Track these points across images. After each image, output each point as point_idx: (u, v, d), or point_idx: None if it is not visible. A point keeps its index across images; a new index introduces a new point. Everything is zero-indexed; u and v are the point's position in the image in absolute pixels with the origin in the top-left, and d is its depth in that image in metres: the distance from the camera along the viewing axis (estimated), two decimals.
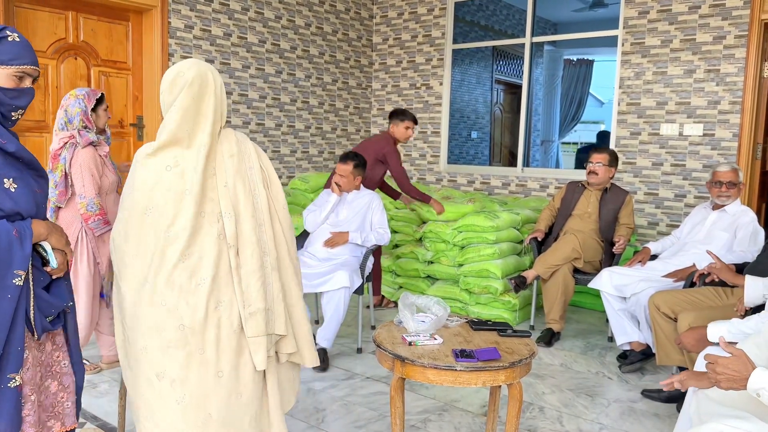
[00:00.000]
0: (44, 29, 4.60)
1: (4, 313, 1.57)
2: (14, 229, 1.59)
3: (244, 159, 1.88)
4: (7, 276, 1.57)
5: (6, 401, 1.60)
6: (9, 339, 1.59)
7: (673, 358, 3.10)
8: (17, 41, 1.62)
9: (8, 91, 1.61)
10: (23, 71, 1.63)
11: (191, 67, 1.84)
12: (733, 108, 4.98)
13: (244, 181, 1.84)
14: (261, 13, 5.89)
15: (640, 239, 5.35)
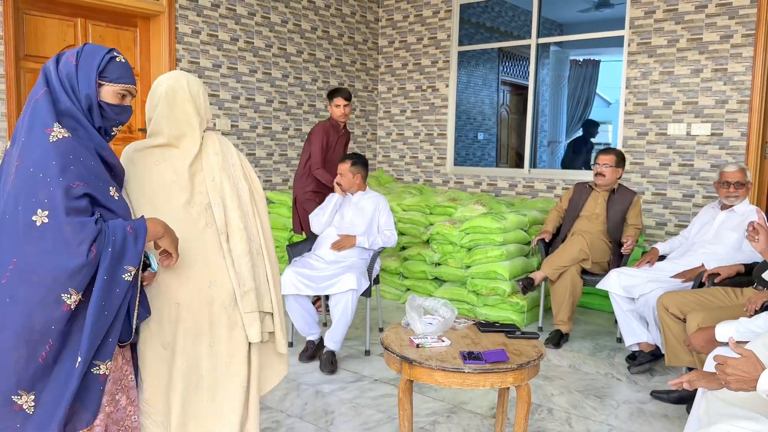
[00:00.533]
0: (53, 36, 4.64)
1: (111, 305, 1.62)
2: (129, 225, 1.64)
3: (227, 157, 2.05)
4: (118, 270, 1.62)
5: (92, 389, 1.64)
6: (108, 330, 1.63)
7: (682, 359, 3.09)
8: (123, 62, 1.75)
9: (114, 107, 1.72)
10: (126, 89, 1.75)
11: (166, 80, 2.01)
12: (741, 107, 4.96)
13: (228, 176, 2.02)
14: (267, 18, 5.92)
15: (648, 240, 5.33)
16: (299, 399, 3.15)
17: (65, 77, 1.67)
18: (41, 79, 1.68)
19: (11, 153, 1.64)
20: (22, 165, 1.55)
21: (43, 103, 1.62)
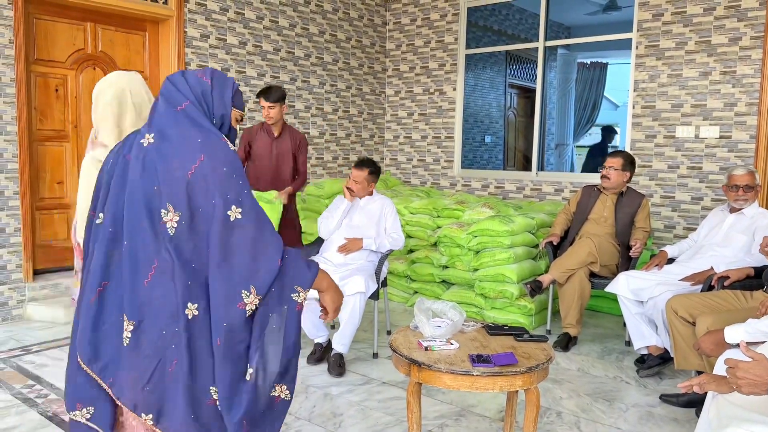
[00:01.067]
0: (63, 40, 4.68)
1: (276, 321, 1.63)
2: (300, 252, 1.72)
3: None
4: (287, 287, 1.64)
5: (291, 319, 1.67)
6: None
7: (692, 362, 3.08)
8: (241, 91, 1.87)
9: (233, 130, 1.83)
10: (242, 115, 1.85)
11: (108, 87, 2.20)
12: (749, 110, 4.94)
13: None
14: (276, 22, 5.94)
15: (657, 243, 5.31)
16: (307, 401, 3.16)
17: (200, 94, 1.72)
18: (172, 90, 1.70)
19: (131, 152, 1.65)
20: (209, 163, 1.58)
21: (197, 112, 1.68)
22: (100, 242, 1.63)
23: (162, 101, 1.70)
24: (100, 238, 1.63)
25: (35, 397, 3.12)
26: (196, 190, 1.56)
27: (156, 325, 1.57)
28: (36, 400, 3.09)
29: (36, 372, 3.46)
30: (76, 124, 4.79)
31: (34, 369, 3.51)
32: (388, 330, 4.33)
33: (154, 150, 1.62)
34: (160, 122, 1.67)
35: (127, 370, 1.57)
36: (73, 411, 1.63)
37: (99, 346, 1.59)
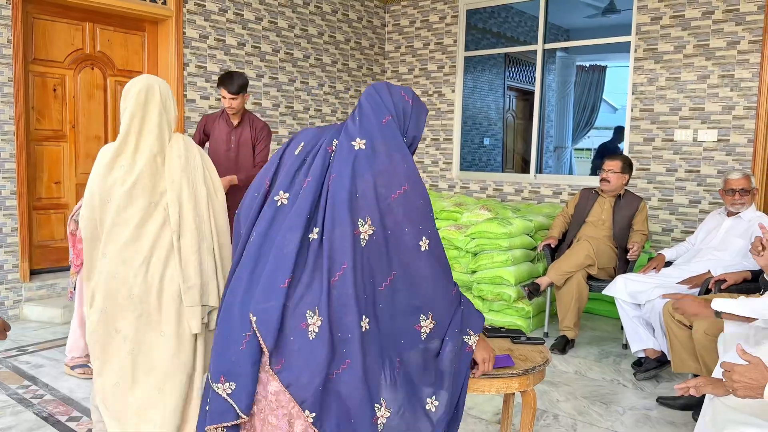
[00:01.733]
0: (62, 40, 4.67)
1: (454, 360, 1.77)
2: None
3: (190, 159, 2.23)
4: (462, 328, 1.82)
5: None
6: None
7: (689, 366, 3.08)
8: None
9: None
10: None
11: (140, 81, 2.24)
12: (747, 113, 4.95)
13: (188, 178, 2.20)
14: (274, 23, 5.95)
15: (655, 246, 5.32)
16: None
17: (402, 112, 1.75)
18: (377, 100, 1.74)
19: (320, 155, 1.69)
20: (412, 194, 1.65)
21: (396, 130, 1.72)
22: (289, 227, 1.62)
23: (368, 107, 1.73)
24: (286, 223, 1.63)
25: (31, 397, 3.11)
26: (393, 214, 1.62)
27: (339, 328, 1.57)
28: (32, 400, 3.08)
29: (32, 372, 3.46)
30: (74, 124, 4.79)
31: (29, 369, 3.50)
32: None
33: (364, 158, 1.65)
34: (371, 130, 1.69)
35: (304, 363, 1.55)
36: (216, 383, 1.63)
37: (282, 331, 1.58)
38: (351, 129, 1.70)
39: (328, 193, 1.62)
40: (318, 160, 1.67)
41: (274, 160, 1.76)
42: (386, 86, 1.77)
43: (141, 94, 2.21)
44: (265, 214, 1.68)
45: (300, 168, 1.69)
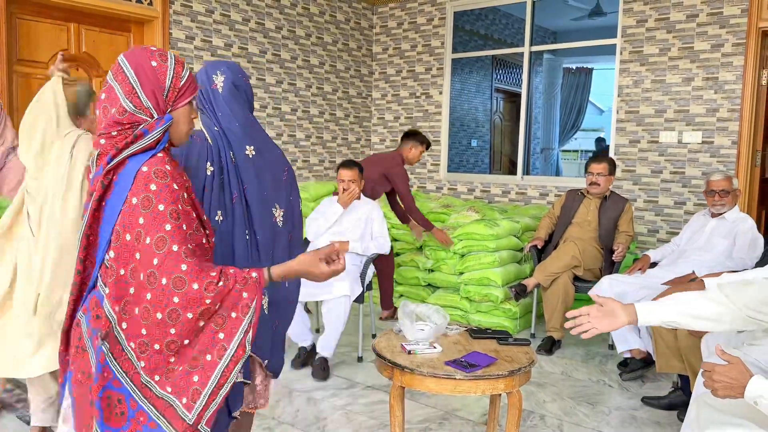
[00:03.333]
0: (46, 40, 4.63)
1: None
2: None
3: (60, 159, 2.34)
4: None
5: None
6: None
7: (673, 366, 3.10)
8: None
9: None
10: None
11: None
12: (731, 116, 5.00)
13: (55, 177, 2.32)
14: (262, 24, 5.93)
15: (640, 247, 5.35)
16: (291, 406, 3.14)
17: (251, 97, 2.17)
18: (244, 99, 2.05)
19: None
20: (291, 171, 2.03)
21: (257, 123, 2.04)
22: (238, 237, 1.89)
23: (236, 105, 1.97)
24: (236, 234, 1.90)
25: (15, 401, 3.08)
26: (290, 190, 2.05)
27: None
28: (15, 405, 3.04)
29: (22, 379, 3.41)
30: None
31: None
32: (373, 333, 4.33)
33: (259, 161, 1.95)
34: (254, 137, 1.98)
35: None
36: None
37: None
38: (238, 136, 1.85)
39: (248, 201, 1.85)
40: (233, 177, 1.82)
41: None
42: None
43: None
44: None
45: (221, 186, 1.82)
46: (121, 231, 1.38)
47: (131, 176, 1.39)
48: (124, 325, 1.41)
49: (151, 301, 1.37)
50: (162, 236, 1.36)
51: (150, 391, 1.41)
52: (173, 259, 1.36)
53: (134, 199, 1.37)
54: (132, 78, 1.43)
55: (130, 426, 1.41)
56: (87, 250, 1.46)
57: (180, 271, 1.36)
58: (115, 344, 1.41)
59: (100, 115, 1.45)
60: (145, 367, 1.41)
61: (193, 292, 1.36)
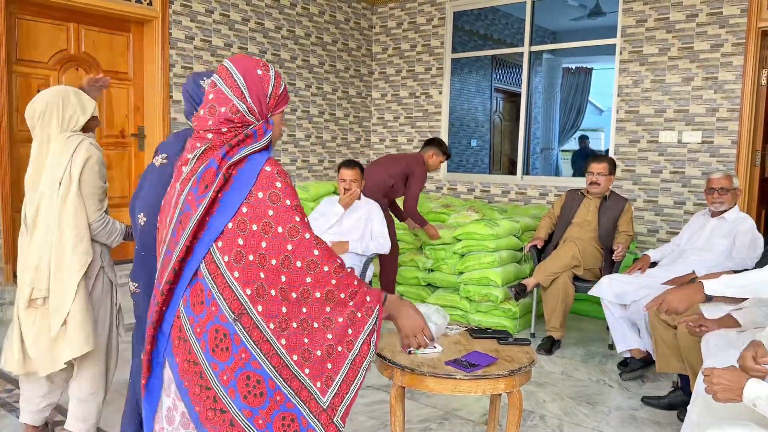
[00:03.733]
0: (46, 40, 4.63)
1: None
2: None
3: (59, 159, 2.37)
4: None
5: None
6: None
7: (673, 366, 3.10)
8: None
9: None
10: None
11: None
12: (731, 115, 5.00)
13: (52, 176, 2.36)
14: (261, 24, 5.93)
15: (640, 247, 5.36)
16: None
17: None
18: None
19: None
20: None
21: None
22: None
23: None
24: None
25: (14, 401, 3.07)
26: None
27: None
28: (15, 404, 3.04)
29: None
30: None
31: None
32: None
33: None
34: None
35: None
36: None
37: None
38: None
39: None
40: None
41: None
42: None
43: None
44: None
45: None
46: (249, 220, 1.51)
47: (254, 174, 1.53)
48: (260, 308, 1.51)
49: (286, 282, 1.53)
50: (294, 226, 1.54)
51: (289, 370, 1.53)
52: (307, 245, 1.55)
53: (260, 194, 1.52)
54: (240, 82, 1.56)
55: (268, 405, 1.50)
56: (194, 238, 1.53)
57: (313, 255, 1.55)
58: (253, 328, 1.50)
59: (206, 113, 1.57)
60: (286, 345, 1.54)
61: (324, 273, 1.56)
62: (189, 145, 1.61)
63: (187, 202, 1.53)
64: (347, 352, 1.60)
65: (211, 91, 1.59)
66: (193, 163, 1.55)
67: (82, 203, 2.37)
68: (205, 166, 1.52)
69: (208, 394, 1.48)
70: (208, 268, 1.50)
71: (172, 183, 1.62)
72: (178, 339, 1.51)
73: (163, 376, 1.57)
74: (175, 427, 1.57)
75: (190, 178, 1.54)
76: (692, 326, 2.62)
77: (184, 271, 1.52)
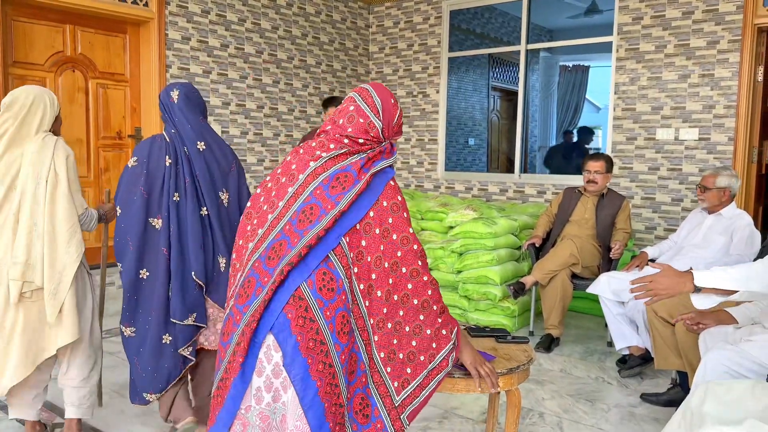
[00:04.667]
0: (42, 42, 4.62)
1: None
2: None
3: (41, 156, 2.44)
4: None
5: None
6: None
7: (672, 362, 3.11)
8: None
9: None
10: None
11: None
12: (728, 112, 5.01)
13: (34, 171, 2.42)
14: (258, 24, 5.92)
15: (638, 244, 5.36)
16: None
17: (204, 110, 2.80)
18: (195, 104, 2.69)
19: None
20: (239, 167, 2.67)
21: (210, 127, 2.73)
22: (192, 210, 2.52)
23: (189, 112, 2.59)
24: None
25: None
26: (233, 179, 2.67)
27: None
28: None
29: None
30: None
31: None
32: None
33: (209, 153, 2.56)
34: (201, 132, 2.59)
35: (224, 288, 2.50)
36: (185, 319, 2.43)
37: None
38: (190, 135, 2.49)
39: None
40: (186, 166, 2.46)
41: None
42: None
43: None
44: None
45: (176, 173, 2.46)
46: (373, 224, 1.73)
47: (382, 184, 1.77)
48: (367, 303, 1.74)
49: (392, 285, 1.74)
50: (406, 236, 1.75)
51: (374, 363, 1.76)
52: (413, 255, 1.75)
53: (385, 203, 1.75)
54: (378, 104, 1.83)
55: (355, 382, 1.74)
56: (327, 231, 1.69)
57: (417, 265, 1.76)
58: (359, 318, 1.74)
59: (344, 121, 1.81)
60: (378, 342, 1.76)
61: (423, 282, 1.76)
62: (317, 142, 1.81)
63: (314, 195, 1.71)
64: (427, 363, 1.80)
65: (351, 104, 1.84)
66: (324, 161, 1.75)
67: (71, 199, 2.46)
68: (340, 169, 1.74)
69: (330, 371, 1.65)
70: (340, 261, 1.70)
71: (286, 168, 1.80)
72: (303, 319, 1.64)
73: (258, 355, 1.66)
74: (262, 407, 1.66)
75: (320, 174, 1.73)
76: (689, 324, 2.63)
77: (308, 257, 1.67)
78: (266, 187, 1.83)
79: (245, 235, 1.80)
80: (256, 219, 1.78)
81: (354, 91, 1.86)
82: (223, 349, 1.72)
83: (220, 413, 1.67)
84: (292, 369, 1.62)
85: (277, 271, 1.64)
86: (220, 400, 1.68)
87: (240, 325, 1.66)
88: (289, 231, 1.68)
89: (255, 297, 1.65)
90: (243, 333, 1.64)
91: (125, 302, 2.50)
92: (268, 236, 1.71)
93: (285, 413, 1.64)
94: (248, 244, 1.76)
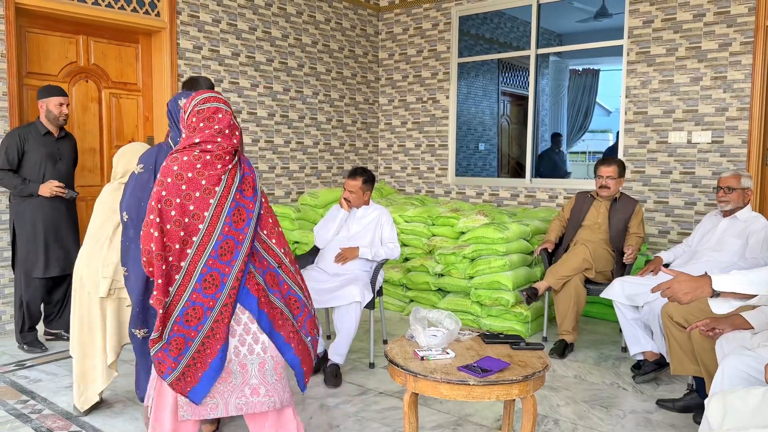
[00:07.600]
0: (56, 53, 4.68)
1: None
2: None
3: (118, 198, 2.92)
4: None
5: None
6: None
7: (688, 368, 3.07)
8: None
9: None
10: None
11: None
12: (741, 114, 4.97)
13: (116, 210, 2.92)
14: (268, 33, 5.96)
15: (651, 248, 5.33)
16: (304, 413, 3.14)
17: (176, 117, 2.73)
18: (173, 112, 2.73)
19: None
20: None
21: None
22: None
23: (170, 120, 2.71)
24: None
25: (29, 412, 3.09)
26: None
27: None
28: (30, 415, 3.06)
29: (30, 387, 3.44)
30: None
31: (27, 384, 3.48)
32: (384, 339, 4.32)
33: None
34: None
35: None
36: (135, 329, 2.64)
37: None
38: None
39: None
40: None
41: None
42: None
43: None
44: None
45: None
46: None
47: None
48: (265, 232, 2.30)
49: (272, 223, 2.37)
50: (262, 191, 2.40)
51: (285, 266, 2.36)
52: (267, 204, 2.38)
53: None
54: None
55: (281, 292, 2.34)
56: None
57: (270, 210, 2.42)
58: (269, 249, 2.28)
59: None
60: (276, 242, 2.35)
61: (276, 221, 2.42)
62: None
63: (236, 199, 2.17)
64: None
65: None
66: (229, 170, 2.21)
67: None
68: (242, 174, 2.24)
69: (278, 312, 2.25)
70: (257, 240, 2.25)
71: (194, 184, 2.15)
72: (254, 285, 2.20)
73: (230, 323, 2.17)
74: (240, 359, 2.21)
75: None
76: (704, 330, 2.60)
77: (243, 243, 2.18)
78: (173, 202, 2.11)
79: (181, 240, 2.11)
80: (182, 231, 2.10)
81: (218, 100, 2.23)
82: (193, 330, 2.11)
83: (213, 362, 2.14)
84: (261, 324, 2.23)
85: (239, 262, 2.13)
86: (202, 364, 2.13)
87: (215, 308, 2.11)
88: (229, 231, 2.12)
89: (224, 285, 2.11)
90: (221, 312, 2.11)
91: (135, 306, 2.56)
92: (209, 240, 2.11)
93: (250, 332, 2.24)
94: (187, 249, 2.11)
